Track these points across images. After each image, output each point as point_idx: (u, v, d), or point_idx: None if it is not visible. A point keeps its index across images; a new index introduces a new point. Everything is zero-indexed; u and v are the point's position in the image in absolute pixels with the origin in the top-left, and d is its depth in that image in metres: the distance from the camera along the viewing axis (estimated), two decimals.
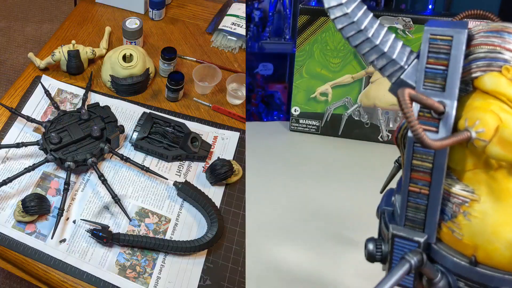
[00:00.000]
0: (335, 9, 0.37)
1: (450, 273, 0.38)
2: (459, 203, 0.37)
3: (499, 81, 0.35)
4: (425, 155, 0.37)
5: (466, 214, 0.36)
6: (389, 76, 0.38)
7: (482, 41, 0.36)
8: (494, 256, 0.35)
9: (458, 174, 0.37)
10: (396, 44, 0.38)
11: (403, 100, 0.31)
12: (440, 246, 0.38)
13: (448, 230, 0.37)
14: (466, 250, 0.37)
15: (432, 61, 0.36)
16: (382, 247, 0.42)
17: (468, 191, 0.36)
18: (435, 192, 0.37)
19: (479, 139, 0.33)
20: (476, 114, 0.34)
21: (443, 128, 0.35)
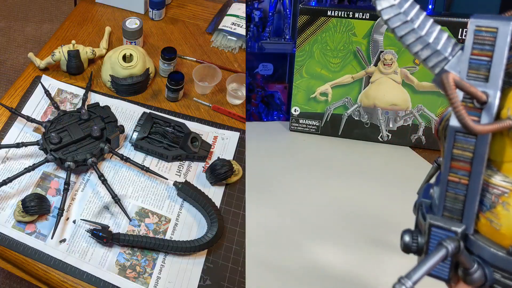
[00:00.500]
0: (382, 1, 0.38)
1: (486, 264, 0.38)
2: (498, 193, 0.37)
3: None
4: (466, 144, 0.37)
5: (505, 205, 0.36)
6: (433, 67, 0.39)
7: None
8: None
9: (497, 165, 0.37)
10: (441, 36, 0.38)
11: (447, 83, 0.31)
12: (477, 237, 0.38)
13: (486, 220, 0.38)
14: (504, 240, 0.37)
15: (477, 52, 0.36)
16: (418, 239, 0.42)
17: (508, 181, 0.37)
18: (475, 182, 0.37)
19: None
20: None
21: (485, 117, 0.36)
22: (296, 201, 0.92)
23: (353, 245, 0.81)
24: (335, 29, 1.10)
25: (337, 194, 0.95)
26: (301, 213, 0.89)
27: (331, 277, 0.74)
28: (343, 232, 0.84)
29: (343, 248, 0.80)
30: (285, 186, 0.97)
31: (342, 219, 0.87)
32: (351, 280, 0.74)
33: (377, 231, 0.84)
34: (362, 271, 0.75)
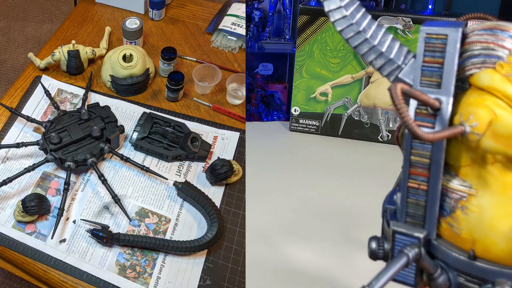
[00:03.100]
0: (334, 12, 0.38)
1: (450, 268, 0.38)
2: (457, 198, 0.37)
3: (493, 78, 0.36)
4: (422, 151, 0.38)
5: (464, 209, 0.37)
6: (388, 75, 0.39)
7: (476, 39, 0.37)
8: (491, 250, 0.36)
9: (455, 169, 0.38)
10: (393, 44, 0.39)
11: (394, 93, 0.32)
12: (440, 241, 0.39)
13: (447, 225, 0.38)
14: (465, 244, 0.37)
15: (428, 59, 0.37)
16: (384, 245, 0.42)
17: (465, 185, 0.37)
18: (434, 188, 0.38)
19: (473, 132, 0.34)
20: (470, 109, 0.35)
21: (439, 124, 0.36)
22: (296, 201, 0.92)
23: (354, 244, 0.81)
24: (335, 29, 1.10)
25: (337, 194, 0.95)
26: (301, 213, 0.89)
27: (332, 276, 0.74)
28: (343, 231, 0.84)
29: (344, 248, 0.80)
30: (285, 186, 0.97)
31: (342, 219, 0.87)
32: (353, 279, 0.74)
33: (378, 230, 0.84)
34: (368, 268, 0.75)
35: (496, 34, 0.37)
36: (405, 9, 1.68)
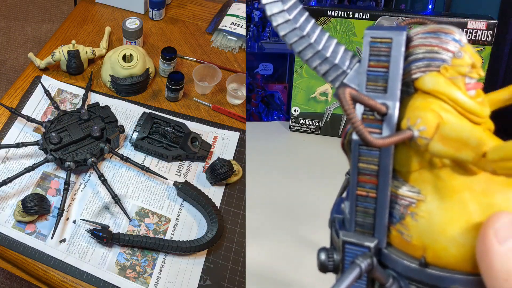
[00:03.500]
0: (277, 16, 0.38)
1: (401, 277, 0.38)
2: (406, 204, 0.37)
3: (438, 81, 0.36)
4: (370, 157, 0.37)
5: (413, 215, 0.36)
6: (333, 81, 0.39)
7: (420, 42, 0.37)
8: (442, 255, 0.35)
9: (404, 175, 0.37)
10: (338, 49, 0.39)
11: (343, 98, 0.31)
12: (390, 250, 0.38)
13: (397, 233, 0.38)
14: (415, 252, 0.37)
15: (373, 63, 0.37)
16: (334, 256, 0.42)
17: (414, 191, 0.37)
18: (382, 195, 0.37)
19: (421, 137, 0.34)
20: (417, 113, 0.35)
21: (386, 129, 0.36)
22: (296, 201, 0.92)
23: None
24: (335, 29, 1.10)
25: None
26: (301, 213, 0.89)
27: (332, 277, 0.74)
28: None
29: None
30: (285, 186, 0.97)
31: None
32: None
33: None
34: None
35: (440, 37, 0.37)
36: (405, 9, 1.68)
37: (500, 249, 0.31)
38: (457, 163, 0.35)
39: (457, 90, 0.36)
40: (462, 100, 0.36)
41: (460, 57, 0.36)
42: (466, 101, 0.36)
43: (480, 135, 0.32)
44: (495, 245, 0.32)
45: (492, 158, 0.31)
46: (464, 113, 0.36)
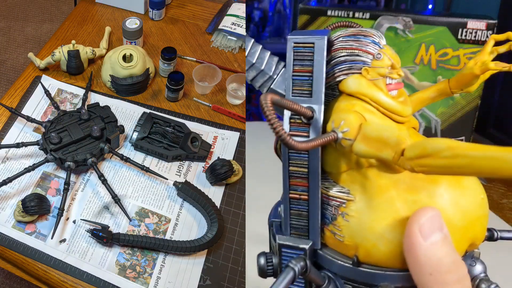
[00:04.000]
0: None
1: (337, 277, 0.38)
2: (337, 205, 0.37)
3: (360, 83, 0.37)
4: (300, 161, 0.38)
5: (344, 215, 0.37)
6: (260, 87, 0.40)
7: (341, 46, 0.38)
8: (372, 253, 0.36)
9: (334, 177, 0.38)
10: (263, 55, 0.40)
11: (264, 104, 0.32)
12: (325, 251, 0.39)
13: (331, 233, 0.38)
14: (348, 251, 0.37)
15: (298, 68, 0.38)
16: (273, 260, 0.42)
17: (344, 192, 0.37)
18: (314, 197, 0.38)
19: (345, 138, 0.35)
20: (341, 115, 0.36)
21: (313, 132, 0.37)
22: None
23: None
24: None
25: None
26: None
27: None
28: None
29: None
30: None
31: None
32: None
33: None
34: None
35: (360, 40, 0.38)
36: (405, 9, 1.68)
37: (425, 244, 0.32)
38: (383, 163, 0.36)
39: (378, 91, 0.37)
40: (383, 100, 0.37)
41: (380, 58, 0.38)
42: (388, 101, 0.37)
43: (399, 134, 0.33)
44: (420, 241, 0.32)
45: (409, 156, 0.32)
46: (387, 113, 0.37)
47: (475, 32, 1.21)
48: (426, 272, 0.32)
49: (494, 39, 0.44)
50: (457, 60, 1.28)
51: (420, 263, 0.32)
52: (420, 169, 0.31)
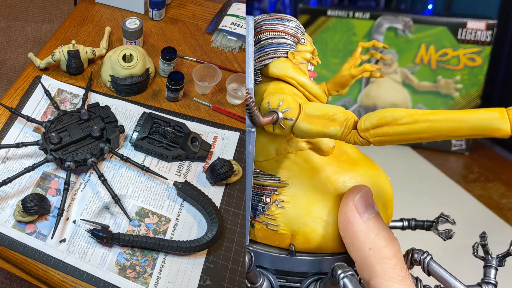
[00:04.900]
0: None
1: (269, 272, 0.37)
2: (268, 193, 0.37)
3: (286, 66, 0.38)
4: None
5: (278, 203, 0.36)
6: None
7: (267, 28, 0.39)
8: (312, 238, 0.36)
9: (260, 165, 0.38)
10: None
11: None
12: (255, 246, 0.38)
13: (262, 225, 0.37)
14: (283, 241, 0.37)
15: None
16: None
17: (274, 179, 0.37)
18: (247, 185, 0.37)
19: (286, 118, 0.35)
20: (277, 97, 0.36)
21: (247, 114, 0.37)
22: None
23: None
24: (335, 29, 1.10)
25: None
26: None
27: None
28: None
29: None
30: None
31: None
32: None
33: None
34: None
35: (284, 23, 0.39)
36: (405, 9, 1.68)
37: (361, 220, 0.33)
38: (313, 146, 0.37)
39: (304, 76, 0.38)
40: (309, 85, 0.38)
41: (303, 43, 0.39)
42: (313, 86, 0.38)
43: (344, 110, 0.34)
44: (357, 217, 0.33)
45: (365, 126, 0.32)
46: (310, 97, 0.38)
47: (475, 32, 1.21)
48: (366, 247, 0.33)
49: (361, 46, 0.48)
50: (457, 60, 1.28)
51: (359, 239, 0.33)
52: (377, 139, 0.32)
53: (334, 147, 0.37)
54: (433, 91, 1.21)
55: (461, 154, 1.43)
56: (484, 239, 0.41)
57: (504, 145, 1.51)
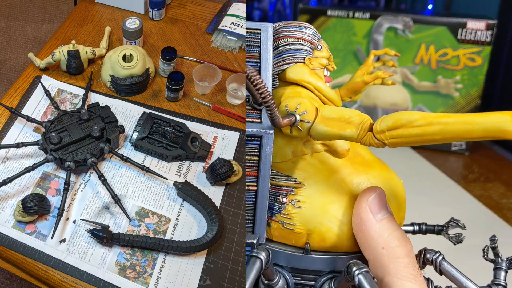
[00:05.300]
0: None
1: (285, 270, 0.38)
2: (285, 194, 0.38)
3: (304, 71, 0.39)
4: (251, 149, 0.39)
5: (294, 203, 0.38)
6: None
7: (285, 35, 0.40)
8: (327, 237, 0.37)
9: (277, 166, 0.39)
10: None
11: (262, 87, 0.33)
12: (271, 245, 0.39)
13: (278, 224, 0.38)
14: (299, 240, 0.38)
15: (249, 54, 0.39)
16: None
17: (291, 180, 0.38)
18: (263, 186, 0.38)
19: (303, 120, 0.36)
20: (294, 100, 0.37)
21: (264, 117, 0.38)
22: None
23: None
24: (335, 29, 1.10)
25: None
26: None
27: None
28: None
29: None
30: None
31: None
32: None
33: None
34: None
35: (302, 30, 0.40)
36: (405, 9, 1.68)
37: (375, 220, 0.34)
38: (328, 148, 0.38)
39: (320, 81, 0.39)
40: (325, 89, 0.39)
41: (320, 49, 0.40)
42: (329, 91, 0.40)
43: (359, 113, 0.35)
44: (370, 217, 0.34)
45: (380, 128, 0.33)
46: (326, 102, 0.40)
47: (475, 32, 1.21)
48: (379, 247, 0.34)
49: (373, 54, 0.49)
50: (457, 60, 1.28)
51: (373, 238, 0.34)
52: (392, 141, 0.33)
53: (349, 149, 0.38)
54: (433, 91, 1.21)
55: (461, 154, 1.43)
56: (494, 242, 0.41)
57: (504, 145, 1.51)
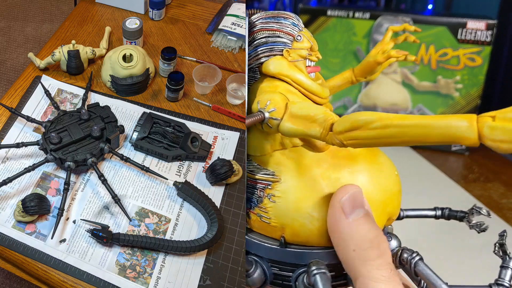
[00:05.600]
0: None
1: (263, 260, 0.39)
2: (262, 187, 0.38)
3: (281, 64, 0.39)
4: None
5: (270, 197, 0.38)
6: None
7: (262, 27, 0.39)
8: (300, 232, 0.37)
9: (257, 160, 0.39)
10: None
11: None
12: (251, 235, 0.39)
13: (256, 216, 0.39)
14: (275, 233, 0.38)
15: None
16: None
17: (268, 174, 0.38)
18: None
19: (272, 118, 0.36)
20: (266, 96, 0.37)
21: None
22: None
23: None
24: (335, 29, 1.10)
25: None
26: None
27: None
28: None
29: None
30: None
31: None
32: None
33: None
34: None
35: (280, 21, 0.39)
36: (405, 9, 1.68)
37: (347, 221, 0.33)
38: (307, 143, 0.37)
39: (299, 73, 0.39)
40: (304, 82, 0.39)
41: (300, 40, 0.39)
42: (309, 82, 0.39)
43: (325, 111, 0.34)
44: (343, 218, 0.34)
45: (338, 129, 0.32)
46: (307, 94, 0.39)
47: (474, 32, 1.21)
48: (350, 249, 0.33)
49: (392, 30, 0.46)
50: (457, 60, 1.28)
51: (344, 240, 0.33)
52: (350, 142, 0.32)
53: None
54: (433, 91, 1.21)
55: (461, 154, 1.43)
56: (503, 238, 0.40)
57: None
